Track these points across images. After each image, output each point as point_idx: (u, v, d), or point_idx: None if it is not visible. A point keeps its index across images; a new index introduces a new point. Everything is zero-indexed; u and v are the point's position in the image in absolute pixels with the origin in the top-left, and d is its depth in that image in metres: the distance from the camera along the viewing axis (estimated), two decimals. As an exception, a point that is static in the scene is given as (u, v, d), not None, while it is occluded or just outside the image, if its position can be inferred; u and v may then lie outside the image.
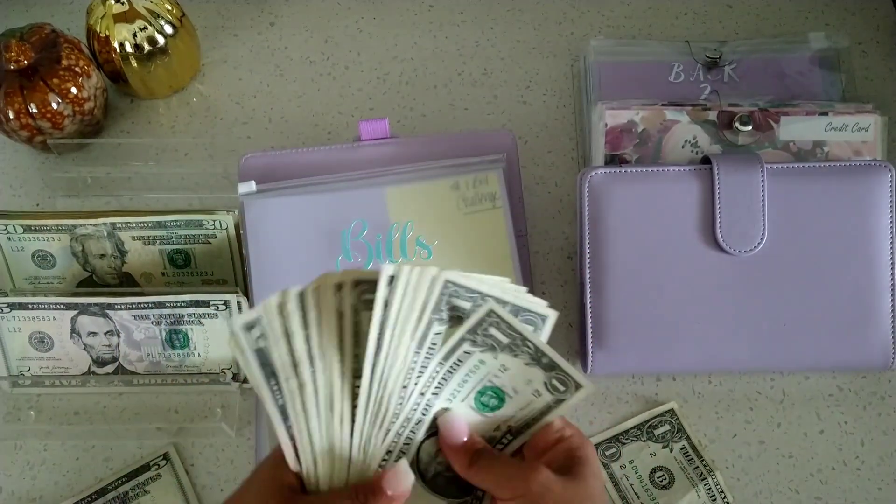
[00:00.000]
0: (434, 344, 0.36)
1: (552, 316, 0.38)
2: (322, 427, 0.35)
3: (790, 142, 0.60)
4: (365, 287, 0.34)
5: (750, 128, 0.60)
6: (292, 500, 0.36)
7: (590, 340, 0.56)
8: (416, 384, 0.36)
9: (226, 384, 0.58)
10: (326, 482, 0.37)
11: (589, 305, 0.56)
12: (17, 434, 0.59)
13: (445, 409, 0.38)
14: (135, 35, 0.66)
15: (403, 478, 0.36)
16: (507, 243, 0.58)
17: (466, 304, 0.36)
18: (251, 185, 0.58)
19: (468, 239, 0.58)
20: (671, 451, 0.56)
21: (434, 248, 0.58)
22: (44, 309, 0.58)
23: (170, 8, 0.67)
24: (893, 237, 0.56)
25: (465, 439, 0.37)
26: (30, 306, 0.58)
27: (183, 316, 0.58)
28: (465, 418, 0.38)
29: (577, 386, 0.36)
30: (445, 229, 0.58)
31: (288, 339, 0.34)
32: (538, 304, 0.37)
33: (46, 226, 0.59)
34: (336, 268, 0.58)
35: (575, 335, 0.61)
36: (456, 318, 0.36)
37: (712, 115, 0.61)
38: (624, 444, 0.56)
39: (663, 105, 0.61)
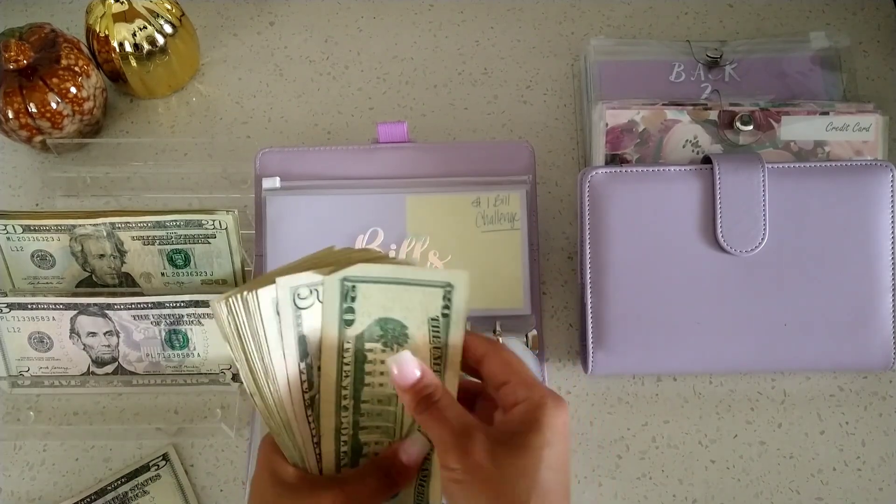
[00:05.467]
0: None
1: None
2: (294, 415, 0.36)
3: (791, 141, 0.60)
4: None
5: (751, 127, 0.60)
6: (298, 491, 0.36)
7: (590, 341, 0.56)
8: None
9: (225, 384, 0.58)
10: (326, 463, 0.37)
11: (589, 305, 0.56)
12: (16, 434, 0.59)
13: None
14: (134, 34, 0.65)
15: (420, 445, 0.37)
16: (521, 267, 0.58)
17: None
18: (275, 181, 0.59)
19: (482, 258, 0.58)
20: None
21: (446, 265, 0.58)
22: (43, 309, 0.58)
23: (169, 7, 0.67)
24: (894, 237, 0.56)
25: (417, 376, 0.35)
26: (29, 306, 0.58)
27: (182, 316, 0.57)
28: (413, 359, 0.36)
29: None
30: (460, 245, 0.58)
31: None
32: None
33: (46, 226, 0.59)
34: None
35: (575, 335, 0.61)
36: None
37: (713, 115, 0.61)
38: None
39: (664, 105, 0.61)
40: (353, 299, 0.35)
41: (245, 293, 0.33)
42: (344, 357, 0.36)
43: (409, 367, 0.35)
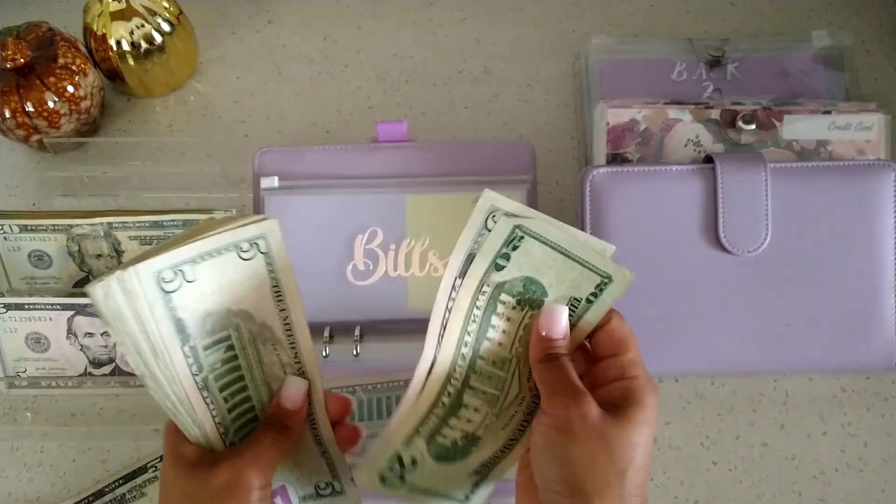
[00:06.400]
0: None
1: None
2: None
3: (793, 141, 0.60)
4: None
5: (753, 127, 0.60)
6: (197, 467, 0.36)
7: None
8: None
9: (224, 385, 0.58)
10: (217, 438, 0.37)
11: (590, 306, 0.56)
12: (13, 435, 0.59)
13: None
14: (132, 33, 0.65)
15: (296, 386, 0.38)
16: None
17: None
18: (273, 181, 0.58)
19: None
20: None
21: (445, 265, 0.58)
22: (40, 309, 0.58)
23: (167, 6, 0.67)
24: (897, 237, 0.55)
25: (559, 336, 0.36)
26: (26, 307, 0.57)
27: (180, 316, 0.57)
28: (567, 317, 0.37)
29: None
30: None
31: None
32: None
33: (43, 225, 0.59)
34: (347, 276, 0.58)
35: (576, 336, 0.61)
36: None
37: (715, 114, 0.60)
38: None
39: (665, 104, 0.61)
40: (515, 248, 0.36)
41: (120, 272, 0.32)
42: (478, 299, 0.37)
43: (562, 321, 0.36)
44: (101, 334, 0.58)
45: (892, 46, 0.71)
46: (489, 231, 0.35)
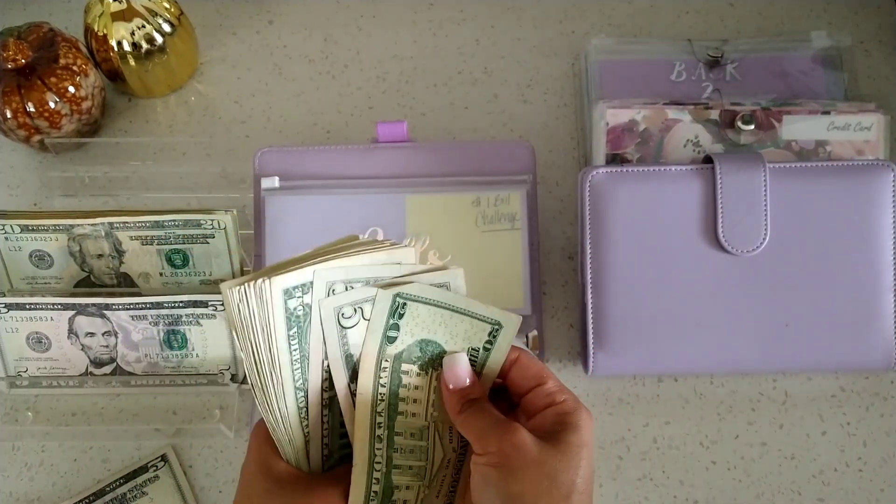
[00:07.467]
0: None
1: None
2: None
3: (792, 141, 0.60)
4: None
5: (752, 127, 0.60)
6: (290, 486, 0.36)
7: (591, 341, 0.56)
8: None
9: (224, 385, 0.58)
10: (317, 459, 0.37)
11: (590, 306, 0.56)
12: (14, 435, 0.59)
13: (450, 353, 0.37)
14: (133, 33, 0.65)
15: None
16: (521, 267, 0.58)
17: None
18: (274, 181, 0.58)
19: (482, 257, 0.58)
20: None
21: (446, 264, 0.58)
22: (41, 309, 0.58)
23: (168, 6, 0.67)
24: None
25: (467, 384, 0.36)
26: (27, 306, 0.58)
27: (181, 316, 0.57)
28: (468, 363, 0.37)
29: None
30: (460, 245, 0.58)
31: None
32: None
33: (44, 225, 0.59)
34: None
35: (576, 336, 0.61)
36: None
37: (714, 115, 0.60)
38: None
39: (665, 104, 0.61)
40: (400, 316, 0.35)
41: (260, 281, 0.32)
42: (381, 377, 0.36)
43: (464, 368, 0.36)
44: (102, 334, 0.58)
45: (891, 47, 0.71)
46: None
